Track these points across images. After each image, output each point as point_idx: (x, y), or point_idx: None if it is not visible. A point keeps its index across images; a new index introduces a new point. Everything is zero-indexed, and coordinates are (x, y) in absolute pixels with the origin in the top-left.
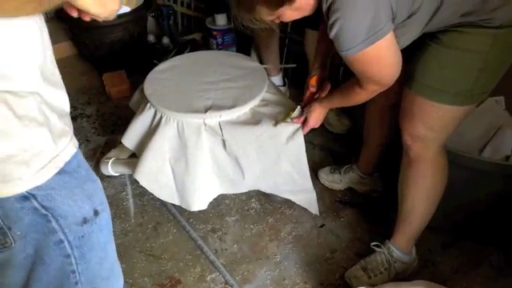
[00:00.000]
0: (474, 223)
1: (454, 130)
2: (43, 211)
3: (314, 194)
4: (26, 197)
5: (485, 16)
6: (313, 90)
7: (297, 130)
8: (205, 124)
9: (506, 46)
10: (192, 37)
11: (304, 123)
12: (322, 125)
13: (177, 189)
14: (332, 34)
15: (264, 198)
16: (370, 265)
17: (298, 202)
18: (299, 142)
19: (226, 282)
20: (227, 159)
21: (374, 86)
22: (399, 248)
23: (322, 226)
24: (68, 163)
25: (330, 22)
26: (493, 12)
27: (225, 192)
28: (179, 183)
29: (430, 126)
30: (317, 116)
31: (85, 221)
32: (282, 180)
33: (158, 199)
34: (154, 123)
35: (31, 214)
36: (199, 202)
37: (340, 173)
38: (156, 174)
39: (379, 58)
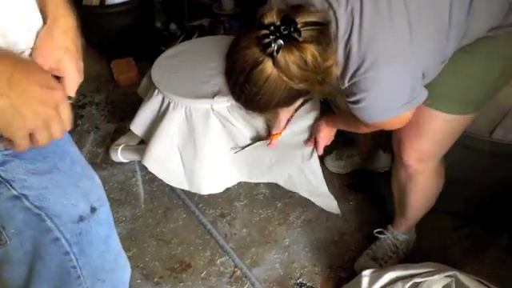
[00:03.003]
0: (485, 206)
1: (458, 137)
2: (36, 210)
3: (333, 199)
4: (16, 196)
5: (509, 28)
6: (271, 147)
7: (312, 151)
8: (213, 109)
9: None
10: (199, 22)
11: (315, 144)
12: (330, 108)
13: (185, 174)
14: (354, 108)
15: (272, 183)
16: (379, 253)
17: (318, 204)
18: (315, 163)
19: (236, 266)
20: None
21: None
22: (402, 231)
23: None
24: (61, 161)
25: (354, 98)
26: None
27: (245, 180)
28: (188, 168)
29: (437, 140)
30: (326, 134)
31: (81, 218)
32: (296, 175)
33: (168, 185)
34: (162, 109)
35: (24, 212)
36: (210, 185)
37: (343, 159)
38: (164, 160)
39: (403, 119)
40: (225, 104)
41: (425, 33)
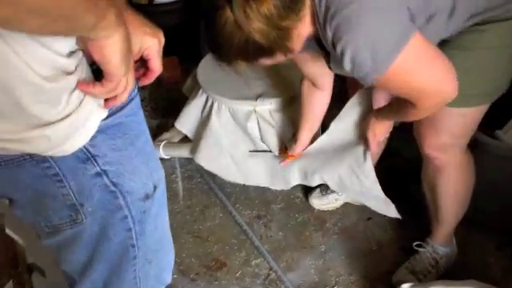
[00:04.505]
0: None
1: (477, 126)
2: (112, 188)
3: (390, 203)
4: (98, 173)
5: (500, 10)
6: (283, 165)
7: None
8: (255, 111)
9: None
10: None
11: (367, 142)
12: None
13: (238, 170)
14: (346, 62)
15: (310, 187)
16: (418, 267)
17: (373, 208)
18: (368, 164)
19: (271, 268)
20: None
21: (429, 100)
22: (442, 244)
23: (368, 219)
24: (137, 139)
25: (340, 46)
26: (507, 4)
27: (298, 182)
28: (241, 166)
29: (456, 134)
30: (380, 130)
31: (147, 196)
32: (347, 176)
33: (206, 183)
34: (207, 109)
35: (102, 190)
36: (269, 180)
37: (332, 192)
38: (216, 158)
39: (416, 62)
40: (267, 106)
41: None
